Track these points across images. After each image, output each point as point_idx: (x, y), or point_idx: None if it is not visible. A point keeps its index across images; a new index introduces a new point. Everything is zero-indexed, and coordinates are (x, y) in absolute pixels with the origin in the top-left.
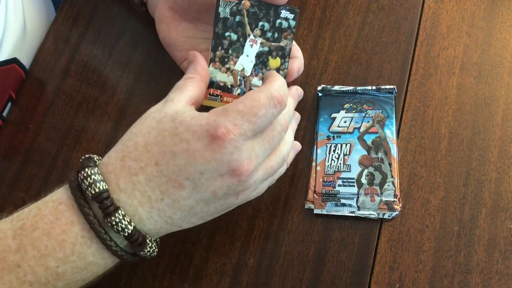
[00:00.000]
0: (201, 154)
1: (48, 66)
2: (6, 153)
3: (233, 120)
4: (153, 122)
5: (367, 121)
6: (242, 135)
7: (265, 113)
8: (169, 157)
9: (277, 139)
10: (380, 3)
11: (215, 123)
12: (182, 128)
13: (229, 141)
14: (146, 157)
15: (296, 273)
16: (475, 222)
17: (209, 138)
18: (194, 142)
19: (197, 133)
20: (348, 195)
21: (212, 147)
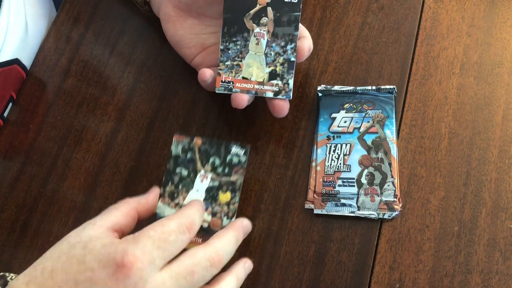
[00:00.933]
0: (103, 283)
1: (49, 66)
2: (7, 153)
3: (142, 247)
4: (66, 247)
5: (367, 121)
6: (151, 263)
7: (175, 239)
8: (71, 286)
9: (199, 275)
10: (380, 3)
11: (123, 250)
12: (90, 256)
13: (135, 270)
14: (49, 283)
15: (296, 273)
16: (475, 222)
17: (115, 266)
18: (99, 270)
19: (104, 261)
20: (348, 195)
21: (116, 276)
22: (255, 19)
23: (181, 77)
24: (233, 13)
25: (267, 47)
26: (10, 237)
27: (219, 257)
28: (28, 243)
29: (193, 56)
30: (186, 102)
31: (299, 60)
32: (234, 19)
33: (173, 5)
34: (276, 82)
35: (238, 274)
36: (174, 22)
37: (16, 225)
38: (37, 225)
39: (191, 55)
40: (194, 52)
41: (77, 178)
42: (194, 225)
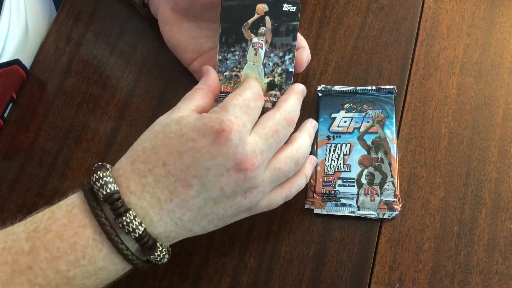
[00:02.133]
0: (207, 150)
1: (49, 66)
2: (7, 153)
3: (233, 114)
4: (159, 127)
5: (367, 121)
6: (244, 126)
7: (255, 105)
8: (176, 157)
9: (282, 134)
10: (380, 3)
11: (218, 119)
12: (187, 129)
13: (234, 133)
14: (153, 159)
15: (296, 273)
16: (475, 222)
17: (214, 133)
18: (200, 139)
19: (202, 131)
20: (348, 195)
21: (217, 141)
22: (253, 29)
23: (181, 77)
24: (231, 22)
25: (265, 57)
26: None
27: (292, 116)
28: None
29: (190, 61)
30: None
31: (297, 71)
32: (232, 28)
33: (171, 8)
34: (275, 92)
35: (309, 131)
36: (172, 25)
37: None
38: None
39: (188, 59)
40: (192, 56)
41: (77, 178)
42: (262, 93)
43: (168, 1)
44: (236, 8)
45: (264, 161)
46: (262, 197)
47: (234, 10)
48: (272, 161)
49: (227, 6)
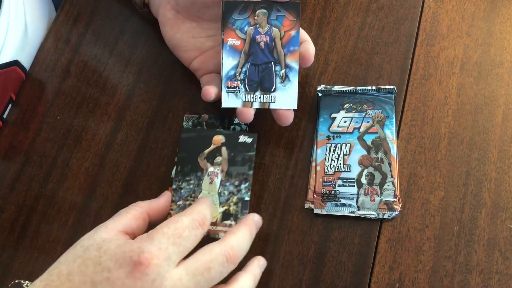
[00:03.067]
0: (121, 282)
1: (48, 66)
2: (6, 154)
3: (158, 244)
4: (80, 250)
5: (367, 121)
6: (167, 259)
7: (189, 234)
8: (89, 287)
9: (215, 271)
10: (380, 3)
11: (139, 249)
12: (105, 256)
13: (152, 267)
14: (66, 286)
15: (296, 273)
16: (475, 222)
17: (131, 265)
18: (116, 270)
19: (120, 261)
20: (348, 195)
21: (133, 274)
22: (209, 159)
23: (181, 77)
24: (188, 152)
25: (221, 186)
26: (10, 237)
27: (235, 253)
28: (28, 243)
29: (191, 60)
30: (186, 102)
31: (305, 65)
32: (188, 158)
33: (171, 8)
34: (230, 222)
35: (255, 272)
36: (172, 25)
37: (16, 225)
38: (37, 225)
39: (189, 58)
40: (192, 55)
41: (77, 178)
42: (206, 220)
43: (169, 1)
44: (194, 139)
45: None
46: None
47: (192, 140)
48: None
49: (185, 138)
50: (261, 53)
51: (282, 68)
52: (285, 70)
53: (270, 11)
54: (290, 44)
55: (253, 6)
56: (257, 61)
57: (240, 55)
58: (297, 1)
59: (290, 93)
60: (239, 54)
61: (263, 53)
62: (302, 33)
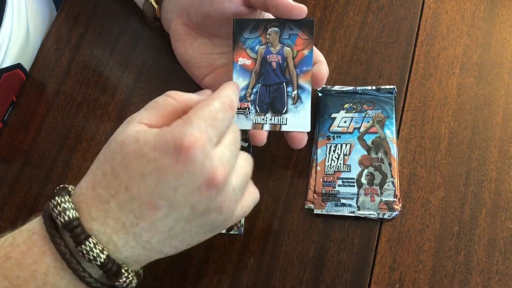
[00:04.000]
0: (171, 169)
1: (49, 67)
2: (7, 154)
3: (197, 127)
4: (116, 146)
5: (367, 121)
6: (209, 141)
7: (223, 116)
8: (138, 180)
9: (238, 142)
10: (380, 3)
11: (180, 133)
12: (147, 148)
13: (199, 149)
14: (115, 183)
15: (296, 273)
16: (475, 222)
17: (178, 150)
18: (163, 158)
19: (164, 149)
20: (348, 195)
21: (182, 159)
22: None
23: (181, 77)
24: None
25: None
26: None
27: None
28: None
29: (203, 77)
30: None
31: (317, 86)
32: None
33: (183, 23)
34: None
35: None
36: (184, 40)
37: (16, 225)
38: None
39: (200, 75)
40: (204, 72)
41: (77, 178)
42: (234, 103)
43: (181, 16)
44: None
45: (231, 170)
46: (235, 206)
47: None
48: (237, 166)
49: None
50: (272, 73)
51: (295, 89)
52: (297, 91)
53: (282, 29)
54: (303, 64)
55: (264, 24)
56: (268, 81)
57: (251, 75)
58: (311, 19)
59: (303, 115)
60: (250, 74)
61: (275, 73)
62: (317, 53)
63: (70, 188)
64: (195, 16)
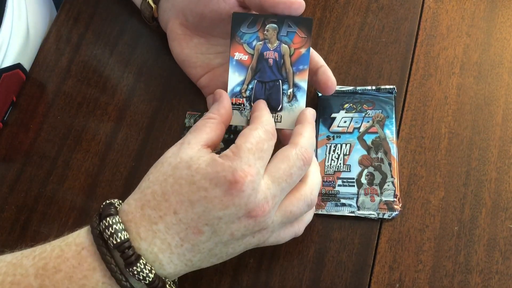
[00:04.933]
0: (219, 200)
1: (49, 67)
2: (7, 154)
3: (247, 161)
4: (169, 168)
5: (367, 121)
6: (258, 174)
7: (268, 146)
8: (187, 206)
9: (296, 176)
10: (380, 3)
11: (230, 168)
12: (198, 176)
13: (248, 184)
14: (164, 206)
15: (296, 273)
16: (475, 222)
17: (228, 184)
18: (212, 189)
19: (215, 180)
20: (348, 195)
21: (230, 192)
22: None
23: (181, 77)
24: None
25: None
26: (10, 237)
27: (309, 154)
28: (28, 243)
29: (199, 76)
30: (186, 102)
31: (327, 94)
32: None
33: (180, 23)
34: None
35: (316, 163)
36: (180, 40)
37: (16, 225)
38: (37, 225)
39: (197, 75)
40: (200, 72)
41: (77, 178)
42: (274, 128)
43: (177, 16)
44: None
45: (275, 205)
46: (271, 235)
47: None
48: (284, 203)
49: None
50: (269, 70)
51: (290, 87)
52: (293, 89)
53: (280, 26)
54: (300, 62)
55: (263, 20)
56: (264, 78)
57: (247, 71)
58: (310, 18)
59: (297, 114)
60: (246, 69)
61: (271, 70)
62: (316, 55)
63: (117, 204)
64: (191, 16)
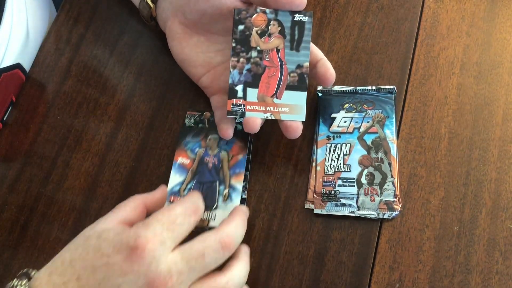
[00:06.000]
0: (119, 266)
1: (49, 67)
2: (7, 154)
3: (153, 230)
4: (81, 240)
5: (367, 121)
6: (162, 244)
7: (183, 220)
8: (90, 272)
9: (210, 258)
10: (380, 3)
11: (135, 234)
12: (105, 243)
13: (148, 251)
14: (69, 272)
15: (296, 273)
16: (475, 222)
17: (128, 249)
18: (114, 255)
19: (117, 246)
20: (348, 195)
21: (130, 259)
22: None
23: (181, 77)
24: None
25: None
26: (10, 237)
27: (230, 240)
28: (28, 243)
29: (200, 76)
30: (186, 102)
31: (328, 84)
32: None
33: (179, 21)
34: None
35: (245, 259)
36: (180, 39)
37: (16, 225)
38: (37, 225)
39: (197, 74)
40: (201, 71)
41: (77, 178)
42: (199, 208)
43: (176, 15)
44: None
45: (181, 283)
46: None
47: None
48: (195, 285)
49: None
50: (208, 173)
51: (226, 188)
52: (228, 190)
53: (219, 139)
54: (236, 166)
55: (206, 132)
56: (203, 179)
57: (187, 173)
58: (310, 12)
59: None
60: (187, 172)
61: (210, 172)
62: (315, 49)
63: (32, 274)
64: (190, 14)
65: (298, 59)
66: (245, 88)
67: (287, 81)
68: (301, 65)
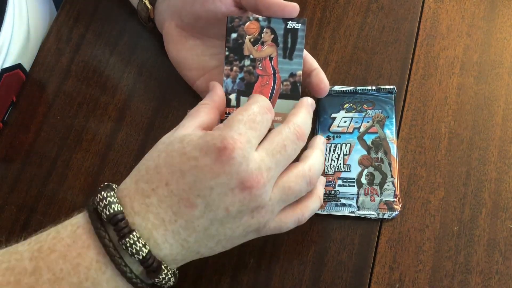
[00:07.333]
0: (209, 168)
1: (49, 67)
2: (7, 154)
3: (237, 130)
4: (162, 146)
5: (367, 121)
6: (249, 143)
7: (261, 119)
8: (178, 176)
9: (290, 149)
10: (380, 3)
11: (220, 136)
12: (189, 147)
13: (237, 151)
14: (156, 178)
15: (296, 273)
16: (475, 222)
17: (217, 151)
18: (202, 157)
19: (204, 149)
20: (348, 195)
21: (220, 159)
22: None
23: (181, 77)
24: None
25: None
26: (10, 237)
27: (302, 130)
28: None
29: (195, 79)
30: (186, 102)
31: (323, 95)
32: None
33: (176, 24)
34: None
35: (321, 148)
36: (176, 42)
37: (16, 225)
38: (37, 225)
39: (192, 77)
40: (196, 74)
41: (77, 178)
42: (271, 106)
43: (173, 18)
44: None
45: (271, 179)
46: (271, 217)
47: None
48: (282, 179)
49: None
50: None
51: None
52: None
53: None
54: None
55: None
56: None
57: None
58: (304, 18)
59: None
60: None
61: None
62: (310, 58)
63: (114, 186)
64: (186, 17)
65: (291, 68)
66: (238, 97)
67: (280, 90)
68: (294, 73)
